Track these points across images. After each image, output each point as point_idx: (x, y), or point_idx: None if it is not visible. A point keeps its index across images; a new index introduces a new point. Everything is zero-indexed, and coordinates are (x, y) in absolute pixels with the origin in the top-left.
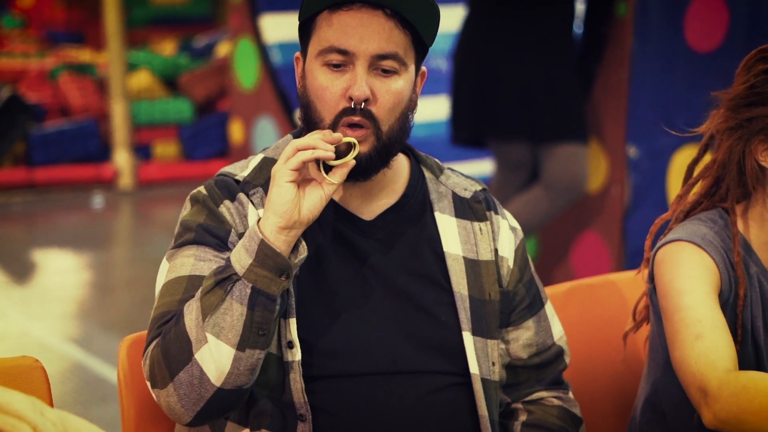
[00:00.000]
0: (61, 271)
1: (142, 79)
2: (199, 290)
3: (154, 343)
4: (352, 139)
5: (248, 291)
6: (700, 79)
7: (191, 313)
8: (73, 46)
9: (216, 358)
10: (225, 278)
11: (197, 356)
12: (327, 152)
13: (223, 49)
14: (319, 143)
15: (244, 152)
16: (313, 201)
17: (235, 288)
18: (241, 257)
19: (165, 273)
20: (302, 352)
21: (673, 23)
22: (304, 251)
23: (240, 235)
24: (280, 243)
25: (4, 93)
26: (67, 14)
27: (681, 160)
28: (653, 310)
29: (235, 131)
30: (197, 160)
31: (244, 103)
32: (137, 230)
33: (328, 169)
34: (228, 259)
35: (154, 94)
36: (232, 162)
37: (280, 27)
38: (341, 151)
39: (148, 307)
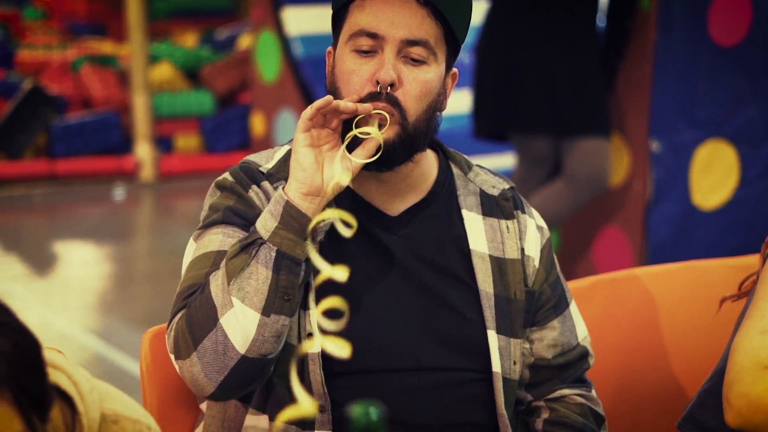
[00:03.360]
0: (82, 263)
1: (163, 71)
2: (225, 258)
3: (179, 314)
4: (383, 112)
5: (273, 254)
6: (723, 73)
7: (217, 279)
8: (95, 38)
9: (241, 323)
10: (250, 243)
11: (222, 321)
12: (344, 102)
13: (244, 42)
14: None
15: (266, 145)
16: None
17: (260, 252)
18: (266, 222)
19: (192, 252)
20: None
21: (697, 17)
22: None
23: None
24: (305, 209)
25: (26, 85)
26: (89, 6)
27: (704, 154)
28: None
29: (257, 124)
30: (219, 152)
31: (265, 96)
32: (158, 222)
33: (356, 145)
34: (253, 226)
35: (175, 87)
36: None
37: (302, 19)
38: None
39: (169, 298)
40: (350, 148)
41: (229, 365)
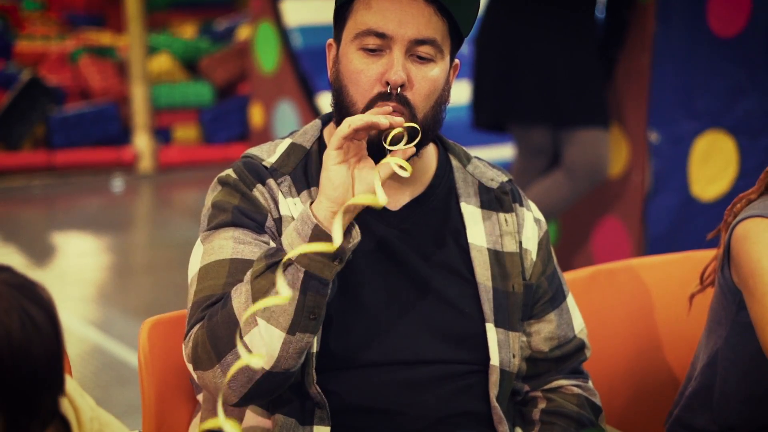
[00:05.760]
0: (81, 255)
1: (162, 62)
2: (249, 273)
3: (198, 325)
4: (415, 125)
5: (301, 275)
6: (722, 64)
7: (240, 296)
8: (93, 28)
9: (266, 341)
10: (276, 262)
11: (246, 339)
12: (381, 119)
13: (243, 33)
14: (373, 116)
15: (265, 136)
16: (368, 185)
17: (287, 272)
18: (293, 241)
19: (201, 255)
20: (324, 342)
21: (696, 8)
22: (357, 236)
23: (276, 221)
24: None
25: (24, 76)
26: None
27: (702, 145)
28: (723, 282)
29: (256, 115)
30: (217, 143)
31: (264, 87)
32: (157, 214)
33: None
34: (279, 243)
35: (174, 78)
36: (253, 146)
37: (300, 10)
38: (398, 138)
39: (167, 290)
40: (376, 159)
41: (254, 379)
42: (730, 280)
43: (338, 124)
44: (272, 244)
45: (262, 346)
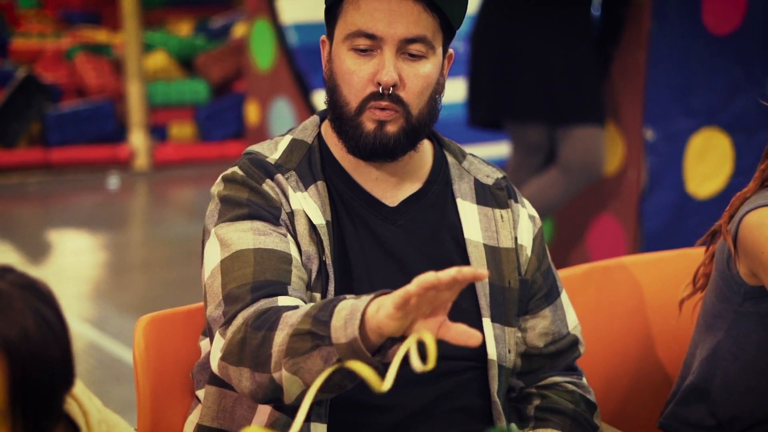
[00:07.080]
0: (77, 252)
1: (158, 59)
2: (296, 320)
3: (241, 318)
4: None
5: (334, 359)
6: (717, 61)
7: (281, 334)
8: (89, 26)
9: (287, 387)
10: (320, 334)
11: (274, 375)
12: (443, 277)
13: (239, 30)
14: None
15: (260, 134)
16: (429, 326)
17: (324, 348)
18: (337, 329)
19: (218, 248)
20: None
21: (691, 5)
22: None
23: (288, 215)
24: (379, 337)
25: (20, 73)
26: None
27: (698, 143)
28: (727, 274)
29: (251, 112)
30: (213, 141)
31: (260, 85)
32: (153, 211)
33: None
34: (332, 311)
35: (170, 75)
36: (249, 143)
37: (296, 8)
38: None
39: (163, 287)
40: None
41: (277, 397)
42: (735, 271)
43: (333, 121)
44: (289, 238)
45: (283, 385)
